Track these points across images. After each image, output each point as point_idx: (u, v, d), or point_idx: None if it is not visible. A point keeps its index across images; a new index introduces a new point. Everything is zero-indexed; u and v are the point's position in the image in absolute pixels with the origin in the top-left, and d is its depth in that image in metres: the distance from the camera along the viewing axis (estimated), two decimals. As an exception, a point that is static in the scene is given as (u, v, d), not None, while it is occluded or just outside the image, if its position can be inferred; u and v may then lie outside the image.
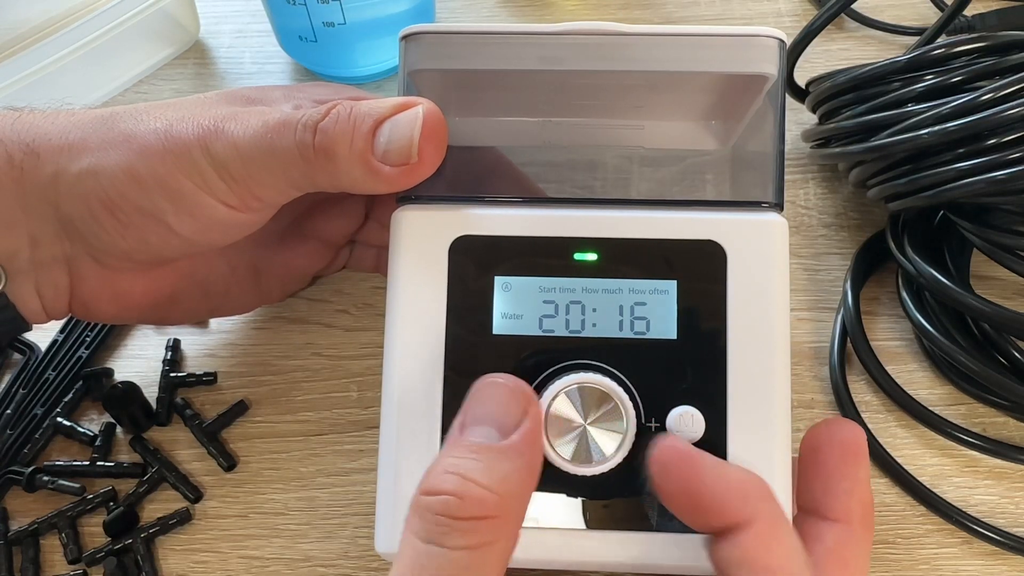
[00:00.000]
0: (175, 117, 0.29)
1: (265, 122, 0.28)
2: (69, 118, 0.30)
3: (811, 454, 0.27)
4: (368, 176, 0.28)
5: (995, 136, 0.32)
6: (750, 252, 0.28)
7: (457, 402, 0.28)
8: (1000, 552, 0.33)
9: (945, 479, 0.35)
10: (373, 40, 0.46)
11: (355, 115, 0.28)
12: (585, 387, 0.27)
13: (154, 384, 0.38)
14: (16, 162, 0.29)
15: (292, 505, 0.35)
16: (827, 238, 0.41)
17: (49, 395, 0.38)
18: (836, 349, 0.37)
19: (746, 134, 0.30)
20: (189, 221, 0.29)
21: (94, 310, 0.32)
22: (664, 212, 0.29)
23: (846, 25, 0.50)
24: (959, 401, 0.36)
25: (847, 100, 0.38)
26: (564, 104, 0.31)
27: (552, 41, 0.29)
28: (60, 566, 0.34)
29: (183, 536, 0.35)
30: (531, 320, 0.28)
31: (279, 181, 0.29)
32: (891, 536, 0.33)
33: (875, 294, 0.39)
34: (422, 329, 0.28)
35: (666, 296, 0.28)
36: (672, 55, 0.29)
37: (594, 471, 0.27)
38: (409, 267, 0.29)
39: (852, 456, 0.27)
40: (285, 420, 0.37)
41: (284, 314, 0.40)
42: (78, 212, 0.29)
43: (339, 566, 0.34)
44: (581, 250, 0.29)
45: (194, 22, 0.52)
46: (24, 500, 0.36)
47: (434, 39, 0.30)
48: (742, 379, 0.28)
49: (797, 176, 0.44)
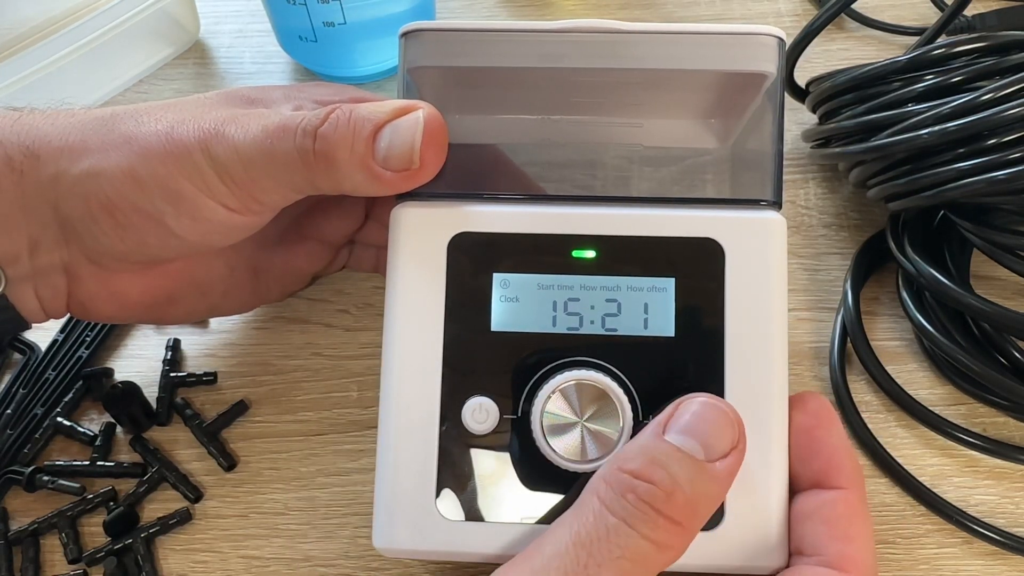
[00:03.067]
0: (175, 119, 0.29)
1: (265, 126, 0.28)
2: (69, 119, 0.30)
3: (803, 436, 0.28)
4: (369, 180, 0.28)
5: (995, 136, 0.32)
6: (748, 250, 0.28)
7: (455, 398, 0.28)
8: (1000, 552, 0.33)
9: (945, 479, 0.34)
10: (373, 40, 0.46)
11: (355, 119, 0.28)
12: (582, 384, 0.27)
13: (154, 384, 0.38)
14: (16, 164, 0.29)
15: (292, 505, 0.35)
16: (827, 238, 0.41)
17: (49, 395, 0.38)
18: (836, 349, 0.37)
19: (745, 132, 0.30)
20: (189, 223, 0.29)
21: (92, 310, 0.32)
22: (663, 210, 0.29)
23: (846, 25, 0.50)
24: (959, 401, 0.36)
25: (847, 100, 0.38)
26: (563, 102, 0.31)
27: (552, 39, 0.29)
28: (60, 566, 0.34)
29: (183, 536, 0.35)
30: (529, 317, 0.29)
31: (280, 184, 0.29)
32: (891, 536, 0.33)
33: (875, 294, 0.39)
34: (420, 325, 0.28)
35: (664, 294, 0.28)
36: (671, 53, 0.29)
37: (590, 467, 0.27)
38: (408, 264, 0.29)
39: (827, 421, 0.28)
40: (285, 420, 0.37)
41: (284, 314, 0.40)
42: (77, 213, 0.29)
43: (339, 566, 0.34)
44: (580, 247, 0.29)
45: (194, 22, 0.52)
46: (24, 500, 0.36)
47: (434, 36, 0.30)
48: (740, 377, 0.28)
49: (797, 176, 0.44)
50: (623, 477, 0.24)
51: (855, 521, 0.27)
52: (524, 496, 0.28)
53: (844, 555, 0.26)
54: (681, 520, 0.24)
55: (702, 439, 0.25)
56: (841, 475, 0.27)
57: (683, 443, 0.25)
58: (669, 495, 0.24)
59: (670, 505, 0.24)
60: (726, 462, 0.25)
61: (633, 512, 0.24)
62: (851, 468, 0.27)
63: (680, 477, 0.24)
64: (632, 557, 0.23)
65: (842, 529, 0.26)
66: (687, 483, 0.24)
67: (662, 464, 0.24)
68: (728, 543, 0.27)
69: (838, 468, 0.27)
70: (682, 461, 0.24)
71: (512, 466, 0.28)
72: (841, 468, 0.27)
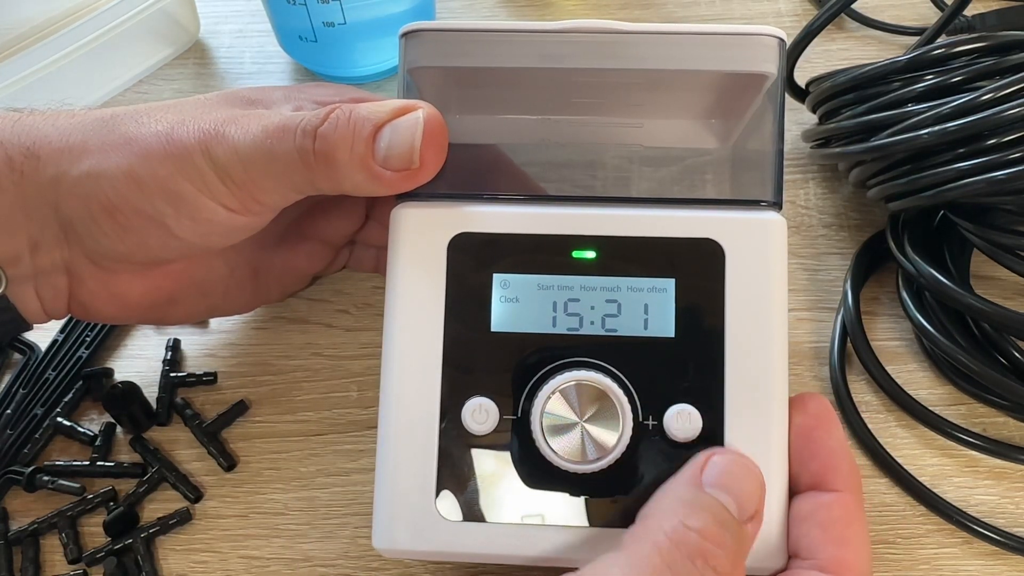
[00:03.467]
0: (176, 120, 0.29)
1: (265, 126, 0.28)
2: (69, 120, 0.30)
3: (802, 437, 0.28)
4: (369, 180, 0.28)
5: (995, 136, 0.32)
6: (748, 250, 0.28)
7: (455, 398, 0.28)
8: (1000, 552, 0.33)
9: (945, 479, 0.34)
10: (373, 40, 0.46)
11: (354, 120, 0.28)
12: (582, 384, 0.27)
13: (154, 384, 0.38)
14: (16, 165, 0.29)
15: (292, 505, 0.35)
16: (827, 238, 0.41)
17: (49, 395, 0.38)
18: (836, 349, 0.37)
19: (745, 133, 0.30)
20: (189, 224, 0.29)
21: (92, 311, 0.32)
22: (663, 210, 0.29)
23: (846, 25, 0.50)
24: (959, 401, 0.36)
25: (847, 100, 0.38)
26: (563, 102, 0.31)
27: (552, 39, 0.29)
28: (60, 566, 0.34)
29: (183, 536, 0.35)
30: (529, 317, 0.28)
31: (280, 185, 0.29)
32: (891, 536, 0.33)
33: (875, 294, 0.39)
34: (420, 325, 0.28)
35: (664, 294, 0.28)
36: (672, 53, 0.29)
37: (590, 468, 0.27)
38: (408, 264, 0.29)
39: (827, 423, 0.28)
40: (285, 420, 0.37)
41: (284, 314, 0.40)
42: (77, 214, 0.29)
43: (339, 566, 0.34)
44: (580, 248, 0.29)
45: (194, 22, 0.52)
46: (24, 500, 0.36)
47: (434, 36, 0.30)
48: (740, 377, 0.28)
49: (797, 176, 0.44)
50: (686, 533, 0.24)
51: (851, 524, 0.27)
52: (524, 496, 0.28)
53: (838, 559, 0.26)
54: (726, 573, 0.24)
55: (735, 495, 0.25)
56: (838, 477, 0.27)
57: (723, 497, 0.25)
58: (719, 547, 0.24)
59: (718, 560, 0.24)
60: (755, 522, 0.26)
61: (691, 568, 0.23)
62: (848, 471, 0.27)
63: (725, 537, 0.24)
64: None
65: (837, 533, 0.26)
66: (731, 540, 0.24)
67: (713, 517, 0.24)
68: None
69: (835, 470, 0.27)
70: (725, 520, 0.25)
71: (512, 466, 0.28)
72: (838, 470, 0.27)
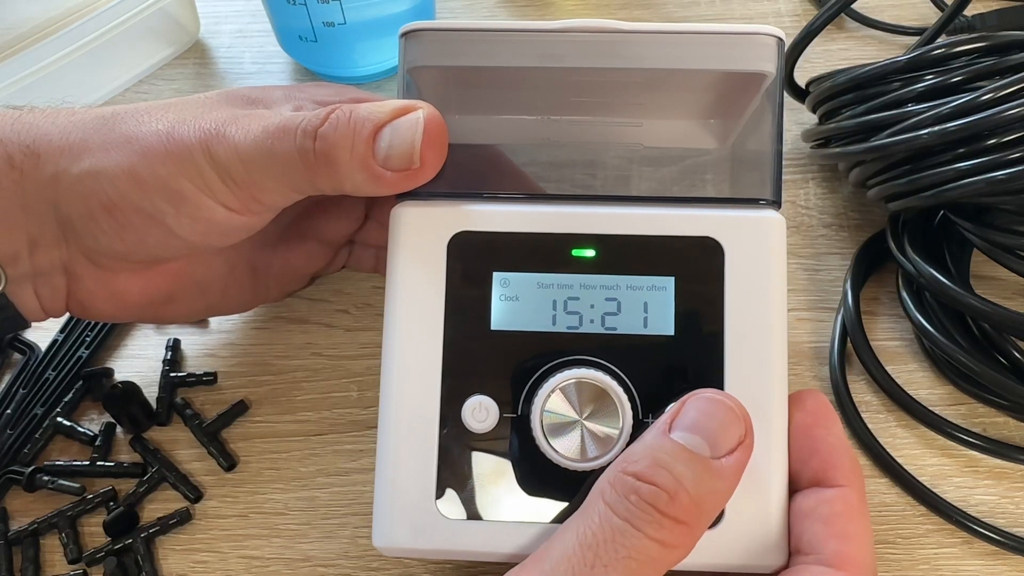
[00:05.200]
0: (176, 119, 0.29)
1: (265, 126, 0.28)
2: (70, 118, 0.30)
3: (802, 434, 0.28)
4: (369, 181, 0.28)
5: (995, 136, 0.32)
6: (748, 249, 0.28)
7: (455, 397, 0.28)
8: (1000, 552, 0.33)
9: (945, 479, 0.34)
10: (373, 40, 0.46)
11: (355, 120, 0.28)
12: (582, 382, 0.27)
13: (154, 384, 0.38)
14: (16, 163, 0.29)
15: (292, 505, 0.35)
16: (827, 238, 0.41)
17: (49, 395, 0.38)
18: (836, 349, 0.37)
19: (745, 132, 0.30)
20: (189, 223, 0.29)
21: (91, 309, 0.32)
22: (662, 209, 0.29)
23: (846, 25, 0.50)
24: (959, 401, 0.36)
25: (847, 100, 0.38)
26: (563, 101, 0.31)
27: (552, 38, 0.29)
28: (60, 566, 0.34)
29: (183, 536, 0.35)
30: (529, 316, 0.29)
31: (280, 185, 0.29)
32: (891, 536, 0.33)
33: (875, 294, 0.39)
34: (420, 324, 0.28)
35: (664, 292, 0.28)
36: (671, 53, 0.29)
37: (590, 466, 0.27)
38: (408, 263, 0.29)
39: (826, 419, 0.28)
40: (285, 420, 0.37)
41: (284, 314, 0.40)
42: (77, 212, 0.29)
43: (339, 566, 0.34)
44: (579, 246, 0.29)
45: (194, 22, 0.52)
46: (24, 500, 0.36)
47: (434, 36, 0.30)
48: (739, 375, 0.28)
49: (797, 176, 0.44)
50: (627, 479, 0.24)
51: (853, 519, 0.27)
52: (524, 495, 0.28)
53: (841, 553, 0.26)
54: (686, 520, 0.24)
55: (708, 436, 0.25)
56: (839, 473, 0.27)
57: (689, 441, 0.25)
58: (673, 496, 0.24)
59: (674, 506, 0.24)
60: (733, 457, 0.25)
61: (638, 514, 0.24)
62: (849, 466, 0.27)
63: (685, 477, 0.24)
64: (639, 557, 0.23)
65: (840, 527, 0.26)
66: (692, 483, 0.24)
67: (666, 465, 0.24)
68: (728, 542, 0.27)
69: (836, 466, 0.27)
70: (688, 460, 0.24)
71: (512, 465, 0.28)
72: (839, 466, 0.27)
